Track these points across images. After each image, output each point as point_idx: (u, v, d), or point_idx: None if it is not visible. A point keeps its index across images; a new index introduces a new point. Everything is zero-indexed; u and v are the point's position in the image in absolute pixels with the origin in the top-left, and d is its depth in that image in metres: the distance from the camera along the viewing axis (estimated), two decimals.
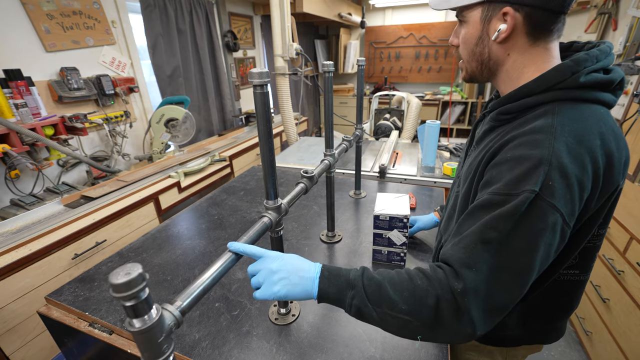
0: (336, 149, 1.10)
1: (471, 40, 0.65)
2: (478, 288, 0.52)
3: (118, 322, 0.87)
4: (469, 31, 0.64)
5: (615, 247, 1.62)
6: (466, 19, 0.64)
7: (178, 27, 2.71)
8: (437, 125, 1.76)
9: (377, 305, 0.56)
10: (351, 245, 1.18)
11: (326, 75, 1.03)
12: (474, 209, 0.57)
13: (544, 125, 0.54)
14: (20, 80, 1.67)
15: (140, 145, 2.51)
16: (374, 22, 5.50)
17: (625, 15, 2.10)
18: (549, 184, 0.50)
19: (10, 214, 1.58)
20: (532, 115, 0.58)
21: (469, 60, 0.68)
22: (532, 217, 0.51)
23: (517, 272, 0.52)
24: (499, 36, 0.60)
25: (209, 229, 1.31)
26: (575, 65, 0.56)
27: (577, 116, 0.55)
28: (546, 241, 0.52)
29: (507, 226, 0.51)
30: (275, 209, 0.73)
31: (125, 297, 0.37)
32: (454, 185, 0.87)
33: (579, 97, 0.56)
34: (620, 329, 1.52)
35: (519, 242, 0.52)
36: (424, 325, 0.54)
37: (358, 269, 0.61)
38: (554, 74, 0.57)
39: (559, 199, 0.50)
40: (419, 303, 0.54)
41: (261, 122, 0.65)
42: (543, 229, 0.51)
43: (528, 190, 0.51)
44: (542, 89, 0.58)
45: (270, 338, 0.82)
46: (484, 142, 0.69)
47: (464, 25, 0.65)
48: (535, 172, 0.51)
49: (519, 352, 0.83)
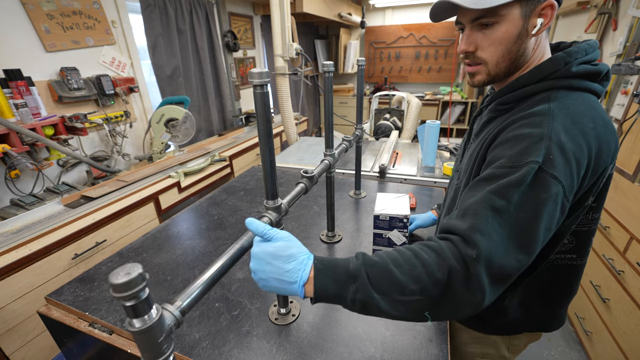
0: (336, 149, 1.10)
1: (510, 37, 0.63)
2: (491, 254, 0.51)
3: (118, 322, 0.87)
4: (507, 29, 0.62)
5: (615, 247, 1.62)
6: (502, 18, 0.62)
7: (178, 27, 2.71)
8: (437, 125, 1.76)
9: (384, 294, 0.52)
10: (351, 245, 1.18)
11: (326, 75, 1.03)
12: (478, 182, 0.59)
13: (542, 109, 0.59)
14: (20, 80, 1.67)
15: (140, 145, 2.51)
16: (374, 22, 5.50)
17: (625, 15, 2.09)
18: (550, 157, 0.53)
19: (10, 214, 1.58)
20: (530, 103, 0.63)
21: (501, 60, 0.66)
22: (536, 187, 0.53)
23: (524, 241, 0.53)
24: (541, 30, 0.62)
25: (209, 229, 1.31)
26: (567, 56, 0.61)
27: (572, 102, 0.59)
28: (549, 211, 0.54)
29: (514, 195, 0.53)
30: (275, 209, 0.73)
31: (125, 297, 0.37)
32: (452, 180, 0.89)
33: (572, 86, 0.61)
34: (620, 329, 1.52)
35: (526, 211, 0.53)
36: (434, 302, 0.52)
37: (357, 257, 0.57)
38: (549, 65, 0.62)
39: (560, 172, 0.53)
40: (430, 279, 0.52)
41: (261, 122, 0.65)
42: (547, 199, 0.53)
43: (532, 162, 0.53)
44: (538, 78, 0.63)
45: (270, 338, 0.82)
46: (483, 133, 0.72)
47: (497, 26, 0.63)
48: (537, 146, 0.54)
49: (520, 341, 0.86)
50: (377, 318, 0.84)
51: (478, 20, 0.64)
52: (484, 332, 0.86)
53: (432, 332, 0.82)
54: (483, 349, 0.88)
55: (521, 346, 0.87)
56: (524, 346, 0.87)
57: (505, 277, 0.53)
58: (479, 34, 0.65)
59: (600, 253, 1.73)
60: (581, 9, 2.63)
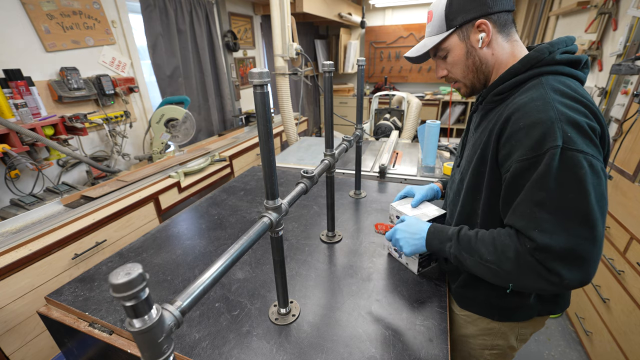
0: (336, 149, 1.10)
1: (461, 58, 0.78)
2: (549, 245, 0.59)
3: (118, 322, 0.87)
4: (456, 54, 0.78)
5: (615, 247, 1.62)
6: (447, 49, 0.79)
7: (178, 27, 2.71)
8: (437, 125, 1.75)
9: (469, 254, 0.71)
10: (351, 245, 1.18)
11: (326, 75, 1.03)
12: (512, 181, 0.65)
13: (538, 94, 0.65)
14: (20, 80, 1.67)
15: (140, 145, 2.51)
16: (374, 22, 5.50)
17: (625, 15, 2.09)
18: (568, 135, 0.59)
19: (10, 214, 1.58)
20: (522, 90, 0.70)
21: (465, 75, 0.80)
22: (568, 167, 0.58)
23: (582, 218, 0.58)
24: (484, 41, 0.74)
25: (209, 229, 1.31)
26: (550, 46, 0.70)
27: (560, 84, 0.66)
28: (593, 183, 0.58)
29: (550, 184, 0.59)
30: (275, 209, 0.73)
31: (126, 297, 0.37)
32: (452, 177, 0.95)
33: (558, 71, 0.69)
34: (621, 329, 1.52)
35: (570, 192, 0.58)
36: (510, 274, 0.65)
37: (455, 227, 0.78)
38: (535, 54, 0.70)
39: (582, 144, 0.58)
40: (502, 255, 0.66)
41: (261, 122, 0.65)
42: (584, 174, 0.57)
43: (552, 147, 0.58)
44: (527, 67, 0.71)
45: (271, 338, 0.82)
46: (481, 126, 0.79)
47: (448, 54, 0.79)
48: (551, 130, 0.59)
49: (527, 330, 0.89)
50: (376, 318, 0.86)
51: (435, 56, 0.83)
52: (497, 320, 0.87)
53: (432, 332, 0.82)
54: (493, 340, 0.90)
55: (527, 335, 0.90)
56: (529, 335, 0.91)
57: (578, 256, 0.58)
58: (442, 62, 0.83)
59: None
60: (581, 9, 2.63)
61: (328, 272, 1.05)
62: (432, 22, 0.79)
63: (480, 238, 0.71)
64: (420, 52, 0.82)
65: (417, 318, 0.86)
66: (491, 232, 0.71)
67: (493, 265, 0.67)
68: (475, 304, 0.90)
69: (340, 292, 0.96)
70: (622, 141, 1.75)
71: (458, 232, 0.76)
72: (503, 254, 0.66)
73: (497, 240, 0.68)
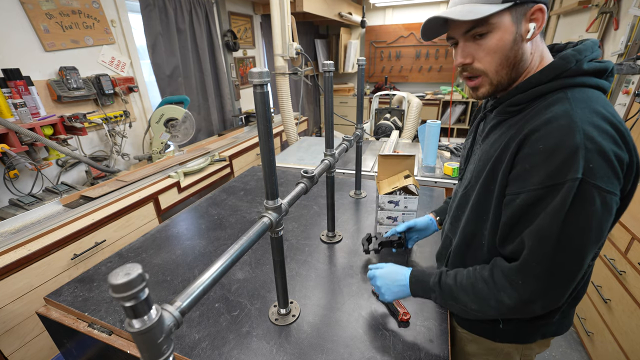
0: (336, 149, 1.10)
1: (505, 45, 0.63)
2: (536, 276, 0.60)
3: (117, 322, 0.87)
4: (502, 37, 0.62)
5: (616, 248, 1.62)
6: (493, 27, 0.62)
7: (178, 26, 2.70)
8: (438, 125, 1.75)
9: (454, 302, 0.72)
10: (351, 245, 1.18)
11: (326, 75, 1.03)
12: (521, 211, 0.61)
13: (563, 111, 0.57)
14: (19, 79, 1.67)
15: (140, 145, 2.50)
16: (375, 22, 5.49)
17: (626, 14, 2.09)
18: (590, 166, 0.53)
19: (9, 214, 1.58)
20: (544, 104, 0.61)
21: (499, 69, 0.65)
22: (582, 202, 0.54)
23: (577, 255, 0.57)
24: (535, 33, 0.62)
25: (208, 229, 1.31)
26: (577, 54, 0.61)
27: (588, 98, 0.58)
28: (600, 220, 0.56)
29: (560, 218, 0.55)
30: (275, 209, 0.72)
31: (125, 297, 0.37)
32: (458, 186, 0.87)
33: (585, 83, 0.60)
34: (622, 330, 1.52)
35: (574, 229, 0.56)
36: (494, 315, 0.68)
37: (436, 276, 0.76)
38: (560, 63, 0.61)
39: (602, 178, 0.54)
40: (484, 304, 0.67)
41: (261, 122, 0.64)
42: (595, 211, 0.55)
43: (571, 179, 0.54)
44: (550, 77, 0.61)
45: (271, 339, 0.82)
46: (491, 137, 0.71)
47: (490, 35, 0.63)
48: (574, 159, 0.53)
49: (532, 351, 0.84)
50: (376, 319, 0.86)
51: (471, 32, 0.64)
52: (498, 342, 0.83)
53: (432, 333, 0.82)
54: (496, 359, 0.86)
55: (532, 356, 0.85)
56: (534, 356, 0.85)
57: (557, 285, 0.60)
58: (473, 45, 0.65)
59: (601, 253, 1.73)
60: (582, 8, 2.62)
61: (328, 272, 1.04)
62: None
63: (460, 285, 0.70)
64: (466, 16, 0.61)
65: (418, 319, 0.86)
66: (469, 277, 0.70)
67: (479, 312, 0.69)
68: (474, 326, 0.85)
69: (340, 293, 0.95)
70: None
71: (439, 281, 0.74)
72: (484, 303, 0.67)
73: (476, 288, 0.68)
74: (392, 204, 1.14)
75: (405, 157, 1.21)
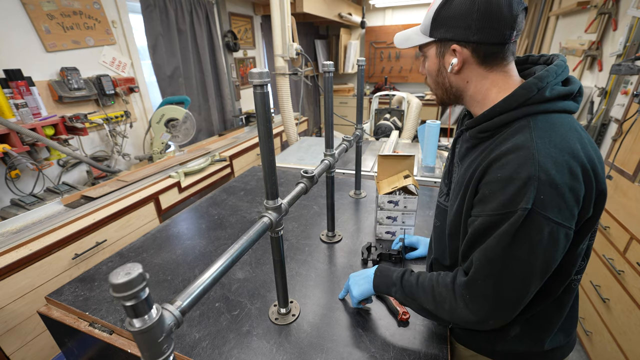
0: (336, 149, 1.10)
1: (432, 72, 0.73)
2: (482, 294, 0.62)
3: (118, 322, 0.87)
4: (430, 64, 0.73)
5: (615, 247, 1.62)
6: (426, 54, 0.73)
7: (178, 27, 2.71)
8: (437, 125, 1.76)
9: (412, 299, 0.74)
10: (351, 245, 1.18)
11: (326, 75, 1.03)
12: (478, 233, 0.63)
13: (524, 141, 0.59)
14: (20, 80, 1.67)
15: (141, 145, 2.51)
16: (374, 22, 5.50)
17: (625, 15, 2.09)
18: (541, 197, 0.55)
19: (10, 214, 1.58)
20: (509, 131, 0.63)
21: (435, 88, 0.76)
22: (528, 230, 0.56)
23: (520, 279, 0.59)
24: (453, 69, 0.68)
25: (209, 229, 1.31)
26: (539, 81, 0.61)
27: (551, 126, 0.60)
28: (545, 249, 0.57)
29: (506, 242, 0.58)
30: (275, 209, 0.73)
31: (126, 297, 0.37)
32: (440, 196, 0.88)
33: (548, 109, 0.62)
34: (620, 329, 1.52)
35: (520, 254, 0.58)
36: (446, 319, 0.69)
37: (399, 271, 0.79)
38: (522, 92, 0.62)
39: (552, 210, 0.55)
40: (438, 306, 0.70)
41: (261, 122, 0.65)
42: (540, 240, 0.56)
43: (521, 209, 0.56)
44: (514, 106, 0.63)
45: (271, 338, 0.82)
46: (468, 159, 0.73)
47: (426, 60, 0.74)
48: (525, 189, 0.55)
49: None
50: (376, 318, 0.87)
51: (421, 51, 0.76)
52: None
53: (432, 332, 0.83)
54: None
55: None
56: None
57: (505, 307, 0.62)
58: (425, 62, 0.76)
59: (600, 253, 1.73)
60: (581, 9, 2.62)
61: (328, 272, 1.05)
62: (426, 15, 0.70)
63: (421, 285, 0.73)
64: (402, 45, 0.76)
65: (417, 318, 0.86)
66: (431, 279, 0.72)
67: (433, 315, 0.72)
68: (473, 344, 0.83)
69: (340, 292, 0.96)
70: (622, 141, 1.75)
71: (402, 277, 0.77)
72: (440, 305, 0.69)
73: (436, 290, 0.70)
74: (391, 204, 1.14)
75: (405, 157, 1.22)
